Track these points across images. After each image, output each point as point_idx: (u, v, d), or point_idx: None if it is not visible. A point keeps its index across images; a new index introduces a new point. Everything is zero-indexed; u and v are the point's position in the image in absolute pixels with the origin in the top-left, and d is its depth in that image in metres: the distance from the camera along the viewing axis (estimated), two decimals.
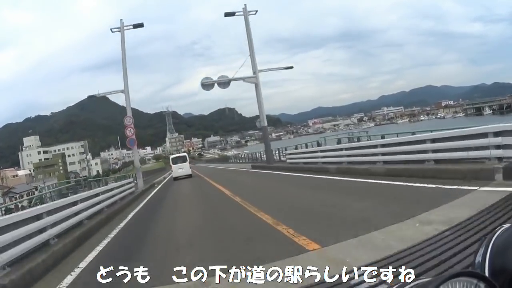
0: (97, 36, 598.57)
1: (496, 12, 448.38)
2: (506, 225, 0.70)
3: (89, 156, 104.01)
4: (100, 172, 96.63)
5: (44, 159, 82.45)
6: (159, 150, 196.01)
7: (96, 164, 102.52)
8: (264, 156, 24.42)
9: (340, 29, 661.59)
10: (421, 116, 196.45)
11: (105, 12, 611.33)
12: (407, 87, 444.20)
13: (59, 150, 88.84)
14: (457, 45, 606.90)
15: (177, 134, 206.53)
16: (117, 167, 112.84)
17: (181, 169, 24.53)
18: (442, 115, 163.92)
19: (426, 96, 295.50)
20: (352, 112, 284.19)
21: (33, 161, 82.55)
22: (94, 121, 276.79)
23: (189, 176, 24.19)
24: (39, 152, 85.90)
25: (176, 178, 24.00)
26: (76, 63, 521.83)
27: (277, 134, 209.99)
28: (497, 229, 0.70)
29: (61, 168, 77.27)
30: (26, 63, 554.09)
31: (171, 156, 28.94)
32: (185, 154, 30.93)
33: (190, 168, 25.62)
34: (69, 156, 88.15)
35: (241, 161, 41.48)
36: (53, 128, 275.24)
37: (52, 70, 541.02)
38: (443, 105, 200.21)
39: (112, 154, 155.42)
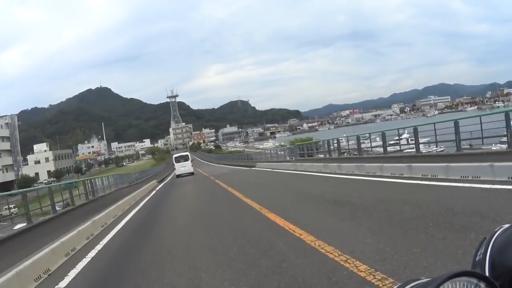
0: (105, 33, 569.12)
1: (504, 12, 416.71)
2: (506, 225, 0.69)
3: (31, 147, 63.74)
4: (52, 170, 56.91)
5: None
6: (160, 144, 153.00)
7: (46, 159, 62.10)
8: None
9: (348, 28, 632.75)
10: (496, 103, 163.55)
11: (115, 9, 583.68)
12: (419, 85, 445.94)
13: None
14: (465, 44, 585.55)
15: (183, 124, 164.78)
16: (83, 167, 71.74)
17: (184, 167, 26.78)
18: None
19: (440, 93, 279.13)
20: (364, 109, 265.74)
21: None
22: (88, 111, 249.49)
23: (191, 174, 26.44)
24: None
25: (178, 176, 26.17)
26: (81, 60, 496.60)
27: (310, 124, 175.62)
28: (497, 229, 0.70)
29: None
30: (31, 58, 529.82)
31: (174, 155, 30.60)
32: (187, 153, 31.24)
33: (192, 166, 27.36)
34: None
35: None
36: (44, 119, 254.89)
37: (56, 66, 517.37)
38: (505, 92, 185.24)
39: (93, 146, 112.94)
